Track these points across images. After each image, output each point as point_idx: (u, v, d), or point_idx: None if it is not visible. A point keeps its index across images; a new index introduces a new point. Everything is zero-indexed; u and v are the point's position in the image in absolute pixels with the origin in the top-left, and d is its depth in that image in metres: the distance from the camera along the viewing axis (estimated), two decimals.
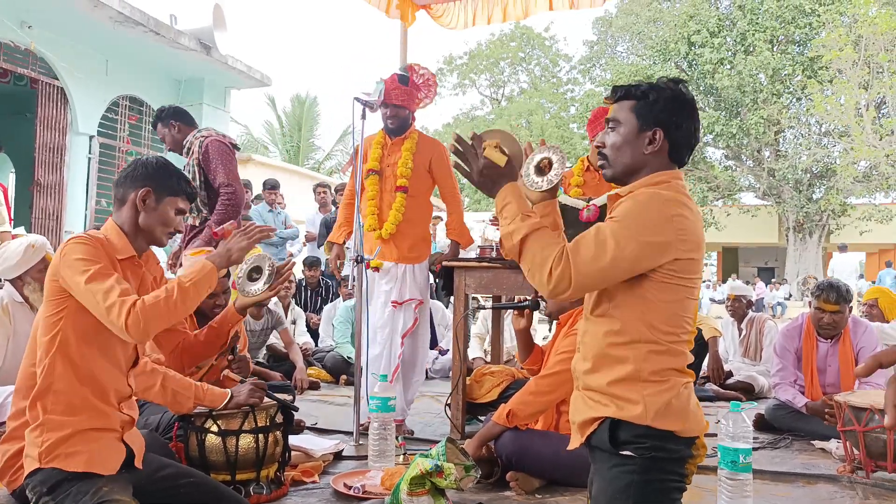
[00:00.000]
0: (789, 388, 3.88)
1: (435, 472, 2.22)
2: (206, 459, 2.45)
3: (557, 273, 1.63)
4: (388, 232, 3.65)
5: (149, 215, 2.10)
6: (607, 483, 1.72)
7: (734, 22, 23.24)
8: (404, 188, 3.68)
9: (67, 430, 1.91)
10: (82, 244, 1.95)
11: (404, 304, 3.68)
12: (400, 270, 3.69)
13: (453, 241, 3.84)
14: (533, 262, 1.68)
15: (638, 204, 1.68)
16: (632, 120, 1.76)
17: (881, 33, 17.98)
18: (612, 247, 1.63)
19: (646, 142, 1.74)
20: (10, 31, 7.13)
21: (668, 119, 1.73)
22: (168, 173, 2.15)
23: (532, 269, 1.68)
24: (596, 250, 1.63)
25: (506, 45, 34.00)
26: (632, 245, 1.63)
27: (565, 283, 1.62)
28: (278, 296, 5.91)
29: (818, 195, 23.54)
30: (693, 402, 1.74)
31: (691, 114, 1.76)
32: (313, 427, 3.72)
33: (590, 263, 1.63)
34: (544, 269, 1.64)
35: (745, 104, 22.70)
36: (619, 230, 1.65)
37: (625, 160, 1.78)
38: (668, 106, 1.73)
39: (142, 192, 2.08)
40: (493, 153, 1.79)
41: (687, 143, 1.77)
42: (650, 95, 1.75)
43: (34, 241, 3.16)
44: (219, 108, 9.91)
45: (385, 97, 3.60)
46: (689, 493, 2.67)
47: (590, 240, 1.66)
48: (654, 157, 1.75)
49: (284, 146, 22.27)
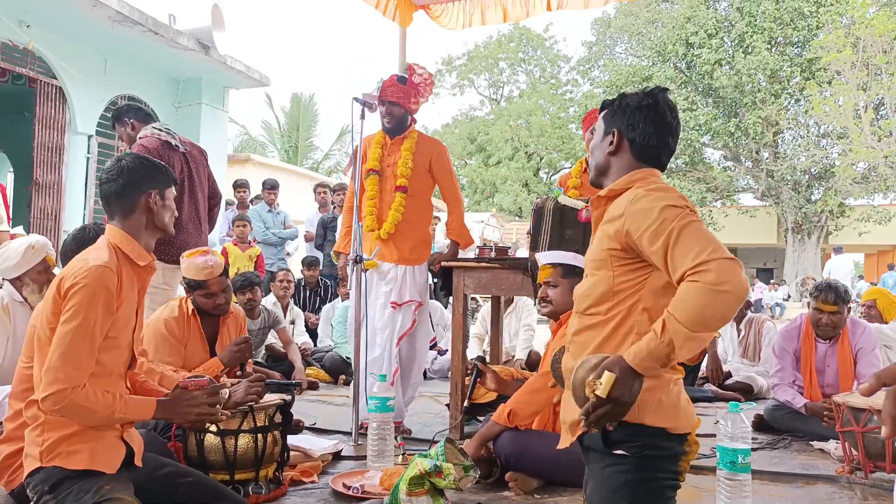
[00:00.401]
0: (788, 388, 3.89)
1: (434, 472, 2.23)
2: (204, 459, 2.45)
3: (720, 278, 1.48)
4: (386, 232, 3.65)
5: (161, 213, 2.14)
6: (601, 483, 1.72)
7: (732, 23, 23.27)
8: (404, 188, 3.67)
9: (70, 429, 1.91)
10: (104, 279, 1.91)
11: (403, 306, 3.67)
12: (400, 272, 3.68)
13: (452, 240, 3.82)
14: (698, 320, 1.50)
15: (649, 194, 1.68)
16: (601, 125, 1.90)
17: (879, 35, 18.02)
18: (692, 228, 1.58)
19: (607, 143, 1.85)
20: (9, 31, 7.12)
21: (624, 121, 1.83)
22: (158, 169, 2.18)
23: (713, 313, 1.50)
24: (696, 240, 1.55)
25: (504, 45, 34.02)
26: (691, 218, 1.61)
27: (731, 267, 1.50)
28: (277, 296, 5.91)
29: (817, 196, 23.57)
30: (683, 398, 1.74)
31: (650, 115, 1.81)
32: (312, 427, 3.72)
33: (709, 241, 1.54)
34: (710, 300, 1.49)
35: (744, 105, 22.73)
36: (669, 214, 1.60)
37: (594, 161, 1.91)
38: (627, 110, 1.84)
39: (153, 196, 2.11)
40: (601, 388, 1.53)
41: (646, 143, 1.81)
42: (616, 103, 1.88)
43: (34, 241, 3.16)
44: (217, 107, 9.90)
45: (381, 94, 3.62)
46: (688, 494, 2.69)
47: (684, 240, 1.56)
48: (617, 158, 1.85)
49: (283, 146, 22.27)
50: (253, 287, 4.83)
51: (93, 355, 1.91)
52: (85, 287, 1.90)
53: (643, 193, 1.69)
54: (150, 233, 2.14)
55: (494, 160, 31.31)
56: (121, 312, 1.99)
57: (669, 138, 1.83)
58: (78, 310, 1.88)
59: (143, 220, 2.11)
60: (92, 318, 1.89)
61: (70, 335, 1.87)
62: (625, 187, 1.78)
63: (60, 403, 1.85)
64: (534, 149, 30.96)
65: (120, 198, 2.10)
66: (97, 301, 1.90)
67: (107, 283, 1.92)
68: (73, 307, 1.89)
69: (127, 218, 2.11)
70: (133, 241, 2.09)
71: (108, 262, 1.96)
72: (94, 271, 1.92)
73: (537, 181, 31.34)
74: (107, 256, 1.99)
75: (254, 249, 6.84)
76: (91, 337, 1.89)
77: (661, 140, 1.81)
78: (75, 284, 1.91)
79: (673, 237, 1.58)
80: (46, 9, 7.26)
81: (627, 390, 1.55)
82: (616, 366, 1.56)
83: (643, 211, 1.65)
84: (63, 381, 1.85)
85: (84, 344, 1.88)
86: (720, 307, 1.50)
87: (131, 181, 2.10)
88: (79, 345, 1.87)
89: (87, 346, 1.89)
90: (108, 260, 1.97)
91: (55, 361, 1.86)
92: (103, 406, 1.91)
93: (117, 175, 2.11)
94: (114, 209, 2.12)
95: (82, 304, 1.89)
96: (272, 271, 6.57)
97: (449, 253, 3.80)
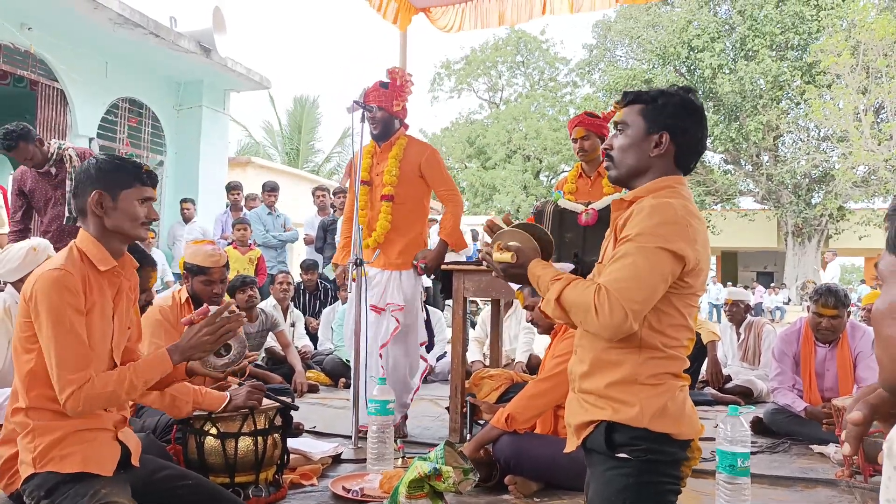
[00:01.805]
0: (788, 392, 3.89)
1: (433, 475, 2.22)
2: (204, 462, 2.45)
3: (606, 308, 1.62)
4: (375, 241, 3.66)
5: (112, 216, 2.02)
6: (603, 485, 1.72)
7: (733, 27, 23.29)
8: (390, 196, 3.66)
9: (59, 433, 1.90)
10: (58, 282, 1.88)
11: (386, 310, 3.64)
12: (385, 276, 3.68)
13: (441, 239, 3.72)
14: (578, 312, 1.69)
15: (654, 216, 1.67)
16: (640, 123, 1.78)
17: (879, 38, 18.03)
18: (647, 266, 1.63)
19: (652, 144, 1.76)
20: (10, 33, 7.13)
21: (676, 123, 1.75)
22: (115, 167, 2.05)
23: (582, 318, 1.68)
24: (633, 275, 1.63)
25: (502, 49, 34.03)
26: (662, 258, 1.64)
27: (620, 314, 1.61)
28: (277, 298, 5.92)
29: (817, 200, 23.56)
30: (688, 405, 1.75)
31: (699, 121, 1.78)
32: (312, 430, 3.72)
33: (634, 288, 1.62)
34: (589, 311, 1.64)
35: (745, 109, 22.72)
36: (645, 248, 1.64)
37: (630, 162, 1.80)
38: (677, 111, 1.76)
39: (94, 198, 2.00)
40: (501, 255, 1.91)
41: (693, 150, 1.78)
42: (659, 100, 1.78)
43: (36, 244, 3.15)
44: (218, 110, 9.91)
45: (364, 99, 3.64)
46: (688, 497, 2.68)
47: (621, 267, 1.65)
48: (659, 161, 1.77)
49: (284, 149, 22.28)
50: (252, 285, 4.92)
51: (85, 348, 1.89)
52: (43, 293, 1.87)
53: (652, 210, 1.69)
54: (113, 237, 2.04)
55: (492, 163, 31.32)
56: (93, 318, 1.94)
57: (706, 143, 1.83)
58: (47, 316, 1.86)
59: (97, 223, 2.02)
60: (65, 319, 1.86)
61: (53, 342, 1.85)
62: (649, 193, 1.75)
63: (80, 403, 1.85)
64: (530, 152, 30.96)
65: (75, 198, 2.05)
66: (61, 302, 1.87)
67: (65, 284, 1.88)
68: (42, 316, 1.86)
69: (84, 221, 2.05)
70: (98, 244, 2.01)
71: (62, 265, 1.92)
72: (47, 276, 1.89)
73: (537, 184, 31.35)
74: (62, 260, 1.95)
75: (254, 252, 6.84)
76: (74, 335, 1.87)
77: (703, 147, 1.80)
78: (34, 294, 1.89)
79: (625, 256, 1.67)
80: (47, 11, 7.27)
81: (516, 276, 1.93)
82: (524, 257, 1.89)
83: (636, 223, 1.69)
84: (71, 384, 1.84)
85: (69, 344, 1.86)
86: (581, 317, 1.68)
87: (80, 181, 2.03)
88: (65, 347, 1.86)
89: (75, 345, 1.87)
90: (63, 263, 1.93)
91: (55, 371, 1.85)
92: (117, 382, 1.91)
93: (78, 176, 2.06)
94: (76, 210, 2.07)
95: (49, 310, 1.86)
96: (272, 274, 6.58)
97: (435, 251, 3.69)
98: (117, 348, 2.08)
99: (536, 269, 1.85)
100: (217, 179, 9.68)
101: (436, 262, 3.64)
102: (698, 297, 1.76)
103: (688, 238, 1.66)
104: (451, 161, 32.11)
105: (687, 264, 1.66)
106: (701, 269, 1.71)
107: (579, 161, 3.93)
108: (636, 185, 1.80)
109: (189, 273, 3.26)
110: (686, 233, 1.66)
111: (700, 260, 1.70)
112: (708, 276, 1.85)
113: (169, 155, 9.51)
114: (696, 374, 5.30)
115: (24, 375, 1.92)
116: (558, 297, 1.72)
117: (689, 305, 1.74)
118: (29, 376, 1.91)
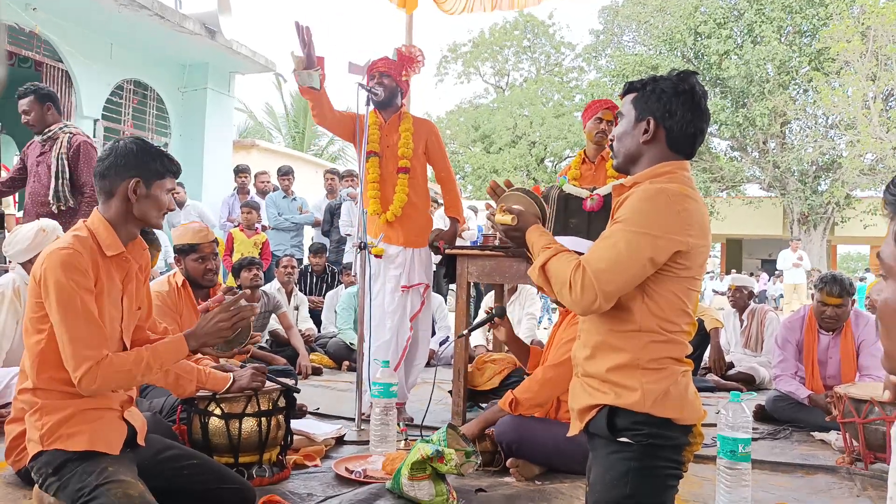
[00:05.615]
0: (790, 379, 3.89)
1: (436, 457, 2.24)
2: (209, 442, 2.47)
3: (578, 286, 1.67)
4: (393, 214, 3.65)
5: (142, 204, 2.04)
6: (605, 469, 1.74)
7: (741, 13, 23.05)
8: (406, 169, 3.65)
9: (66, 412, 1.92)
10: (66, 261, 1.89)
11: (413, 288, 3.69)
12: (408, 255, 3.69)
13: (452, 218, 3.78)
14: (556, 283, 1.74)
15: (644, 201, 1.69)
16: (631, 111, 1.82)
17: (889, 24, 17.83)
18: (627, 250, 1.65)
19: (641, 131, 1.78)
20: (15, 14, 7.11)
21: (661, 108, 1.76)
22: (151, 156, 2.06)
23: (559, 291, 1.73)
24: (612, 257, 1.66)
25: (509, 33, 33.78)
26: (644, 244, 1.65)
27: (591, 294, 1.66)
28: (281, 282, 5.94)
29: (823, 188, 23.42)
30: (691, 390, 1.75)
31: (688, 101, 1.75)
32: (315, 412, 3.74)
33: (610, 271, 1.65)
34: (565, 285, 1.69)
35: (752, 95, 22.54)
36: (629, 232, 1.66)
37: (624, 149, 1.84)
38: (662, 95, 1.76)
39: (132, 184, 2.01)
40: (502, 217, 1.97)
41: (684, 132, 1.76)
42: (648, 87, 1.79)
43: (45, 225, 3.17)
44: (223, 92, 9.88)
45: (371, 68, 3.62)
46: (688, 482, 2.70)
47: (604, 248, 1.69)
48: (650, 147, 1.79)
49: (290, 132, 22.21)
50: (258, 266, 5.01)
51: (98, 326, 1.91)
52: (52, 272, 1.88)
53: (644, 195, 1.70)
54: (132, 223, 2.06)
55: (496, 148, 31.19)
56: (102, 301, 1.95)
57: (704, 125, 1.80)
58: (57, 296, 1.87)
59: (122, 208, 2.03)
60: (75, 297, 1.88)
61: (65, 320, 1.87)
62: (647, 179, 1.76)
63: (96, 381, 1.87)
64: (535, 137, 30.82)
65: (103, 179, 2.05)
66: (70, 281, 1.88)
67: (73, 263, 1.89)
68: (53, 296, 1.88)
69: (106, 203, 2.05)
70: (109, 228, 2.02)
71: (69, 244, 1.93)
72: (55, 256, 1.90)
73: (542, 169, 31.24)
74: (70, 239, 1.96)
75: (259, 236, 6.85)
76: (86, 313, 1.88)
77: (697, 128, 1.78)
78: (43, 274, 1.90)
79: (609, 237, 1.71)
80: None
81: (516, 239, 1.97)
82: (524, 222, 1.94)
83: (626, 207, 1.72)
84: (87, 360, 1.86)
85: (82, 322, 1.87)
86: (558, 289, 1.74)
87: (115, 164, 2.03)
88: (78, 324, 1.87)
89: (87, 322, 1.88)
90: (70, 242, 1.94)
91: (68, 350, 1.86)
92: (133, 363, 1.93)
93: (106, 155, 2.05)
94: (98, 191, 2.07)
95: (59, 290, 1.87)
96: (278, 257, 6.59)
97: (450, 230, 3.75)
98: (126, 330, 2.10)
99: (533, 234, 1.91)
100: (222, 162, 9.67)
101: (453, 242, 3.67)
102: (698, 282, 1.75)
103: (679, 223, 1.67)
104: (455, 145, 31.99)
105: (675, 249, 1.67)
106: (698, 252, 1.71)
107: (584, 147, 3.95)
108: (634, 172, 1.83)
109: (181, 254, 3.28)
110: (678, 219, 1.67)
111: (694, 244, 1.70)
112: (707, 260, 1.84)
113: (173, 137, 9.49)
114: (699, 360, 5.31)
115: (34, 356, 1.94)
116: (544, 265, 1.78)
117: (689, 290, 1.74)
118: (39, 357, 1.93)
